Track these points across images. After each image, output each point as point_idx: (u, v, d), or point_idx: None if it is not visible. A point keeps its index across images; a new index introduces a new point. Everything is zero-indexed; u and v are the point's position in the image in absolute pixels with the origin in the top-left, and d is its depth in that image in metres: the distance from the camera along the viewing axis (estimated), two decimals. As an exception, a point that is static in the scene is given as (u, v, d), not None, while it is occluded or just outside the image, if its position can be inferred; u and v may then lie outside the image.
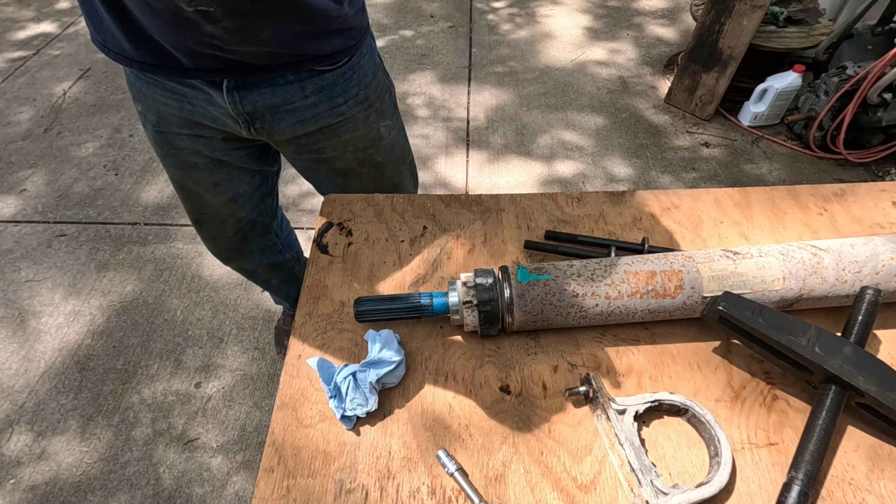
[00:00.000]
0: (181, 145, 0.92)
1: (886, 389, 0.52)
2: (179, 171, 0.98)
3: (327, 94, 0.88)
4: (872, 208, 0.82)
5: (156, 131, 0.91)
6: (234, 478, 1.39)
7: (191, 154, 0.94)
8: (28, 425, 1.48)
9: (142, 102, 0.88)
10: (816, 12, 2.36)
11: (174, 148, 0.93)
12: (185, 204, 1.08)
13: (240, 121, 0.87)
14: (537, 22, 3.16)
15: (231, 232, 1.14)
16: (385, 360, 0.59)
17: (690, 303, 0.61)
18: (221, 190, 1.02)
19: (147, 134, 0.94)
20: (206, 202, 1.04)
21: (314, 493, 0.54)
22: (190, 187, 1.01)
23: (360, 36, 0.86)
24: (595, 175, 2.22)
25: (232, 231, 1.14)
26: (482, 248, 0.77)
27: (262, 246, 1.23)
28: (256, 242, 1.20)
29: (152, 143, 0.95)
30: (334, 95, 0.88)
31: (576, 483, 0.54)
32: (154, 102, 0.87)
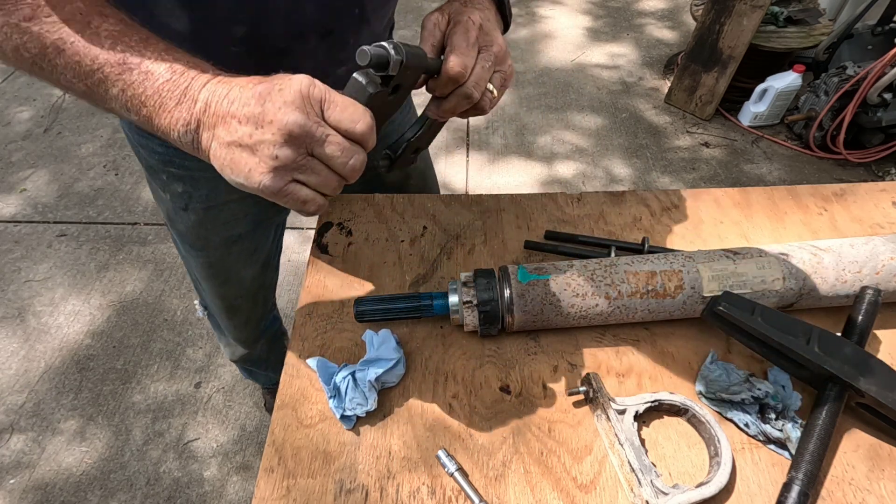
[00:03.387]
0: (229, 216, 0.79)
1: (886, 389, 0.52)
2: (221, 249, 0.85)
3: None
4: (872, 208, 0.82)
5: (205, 208, 0.76)
6: (233, 478, 1.39)
7: (238, 222, 0.81)
8: (28, 425, 1.48)
9: (184, 181, 0.73)
10: (816, 12, 2.36)
11: (221, 223, 0.79)
12: (218, 291, 0.94)
13: None
14: (537, 22, 3.16)
15: (261, 308, 1.06)
16: (383, 358, 0.59)
17: (690, 303, 0.61)
18: (256, 258, 0.92)
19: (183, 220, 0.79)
20: (243, 279, 0.93)
21: (314, 493, 0.54)
22: (230, 265, 0.88)
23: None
24: (595, 175, 2.22)
25: (261, 306, 1.06)
26: (482, 248, 0.77)
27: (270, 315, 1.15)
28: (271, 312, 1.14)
29: (191, 229, 0.80)
30: None
31: (576, 483, 0.54)
32: (204, 172, 0.71)
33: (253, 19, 0.51)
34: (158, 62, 0.40)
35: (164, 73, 0.40)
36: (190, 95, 0.40)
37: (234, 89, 0.40)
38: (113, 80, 0.40)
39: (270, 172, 0.38)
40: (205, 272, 0.90)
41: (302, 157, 0.39)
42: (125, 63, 0.39)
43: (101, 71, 0.40)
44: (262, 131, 0.38)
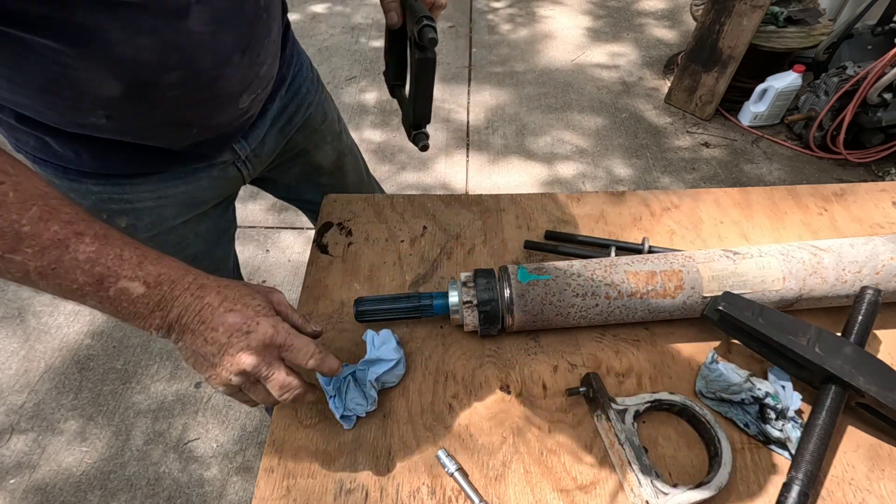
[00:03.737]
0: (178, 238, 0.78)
1: (886, 389, 0.52)
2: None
3: (293, 92, 0.82)
4: (872, 208, 0.82)
5: (151, 237, 0.75)
6: (233, 478, 1.39)
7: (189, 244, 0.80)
8: (28, 425, 1.48)
9: (127, 214, 0.72)
10: (816, 12, 2.36)
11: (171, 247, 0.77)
12: None
13: (244, 170, 0.80)
14: (537, 22, 3.16)
15: None
16: (384, 358, 0.59)
17: (690, 303, 0.61)
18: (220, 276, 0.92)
19: None
20: None
21: (314, 493, 0.54)
22: None
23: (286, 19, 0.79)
24: (595, 175, 2.22)
25: None
26: (482, 248, 0.77)
27: None
28: None
29: None
30: (297, 89, 0.83)
31: (576, 483, 0.54)
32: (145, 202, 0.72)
33: (182, 64, 0.55)
34: (132, 280, 0.44)
35: (138, 289, 0.45)
36: (163, 306, 0.46)
37: (205, 309, 0.47)
38: (91, 295, 0.44)
39: (223, 386, 0.48)
40: None
41: (250, 383, 0.49)
42: (102, 283, 0.44)
43: (80, 290, 0.44)
44: (222, 360, 0.46)
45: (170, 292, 0.46)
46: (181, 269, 0.47)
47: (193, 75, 0.57)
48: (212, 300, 0.47)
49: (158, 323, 0.46)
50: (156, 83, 0.55)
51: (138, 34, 0.50)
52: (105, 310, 0.45)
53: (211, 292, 0.47)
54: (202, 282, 0.48)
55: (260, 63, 0.66)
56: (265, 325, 0.48)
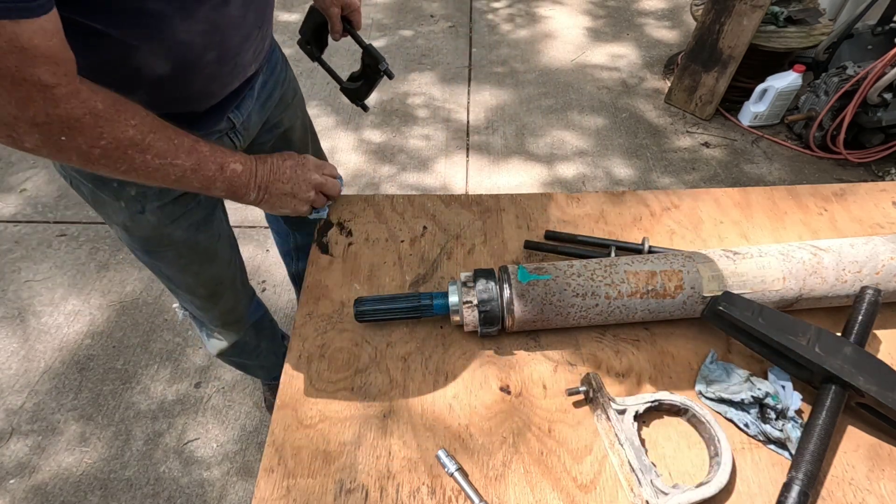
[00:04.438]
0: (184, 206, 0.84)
1: (886, 389, 0.52)
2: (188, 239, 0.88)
3: (270, 69, 0.90)
4: (872, 208, 0.82)
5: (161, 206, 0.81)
6: (233, 478, 1.39)
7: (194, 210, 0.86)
8: (28, 425, 1.48)
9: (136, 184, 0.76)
10: (816, 12, 2.35)
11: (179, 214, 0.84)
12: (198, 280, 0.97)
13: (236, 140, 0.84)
14: (537, 22, 3.16)
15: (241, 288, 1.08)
16: None
17: (690, 303, 0.61)
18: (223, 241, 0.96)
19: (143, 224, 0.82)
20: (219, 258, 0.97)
21: (314, 493, 0.54)
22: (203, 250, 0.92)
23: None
24: (595, 176, 2.22)
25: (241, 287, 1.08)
26: (482, 248, 0.77)
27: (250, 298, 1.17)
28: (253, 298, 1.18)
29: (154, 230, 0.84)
30: (273, 66, 0.90)
31: (576, 483, 0.54)
32: None
33: (220, 44, 0.66)
34: (235, 163, 0.68)
35: (239, 167, 0.68)
36: (253, 174, 0.70)
37: (273, 166, 0.73)
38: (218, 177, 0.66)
39: (305, 204, 0.77)
40: (179, 265, 0.93)
41: (316, 193, 0.78)
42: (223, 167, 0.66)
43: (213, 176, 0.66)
44: (298, 185, 0.75)
45: (252, 166, 0.70)
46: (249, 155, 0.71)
47: (224, 53, 0.68)
48: (273, 161, 0.73)
49: (254, 185, 0.70)
50: (197, 61, 0.65)
51: (193, 20, 0.60)
52: (225, 188, 0.67)
53: (269, 158, 0.73)
54: (263, 157, 0.72)
55: (266, 37, 0.79)
56: (309, 158, 0.78)
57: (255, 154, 0.83)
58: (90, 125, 0.53)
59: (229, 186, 0.67)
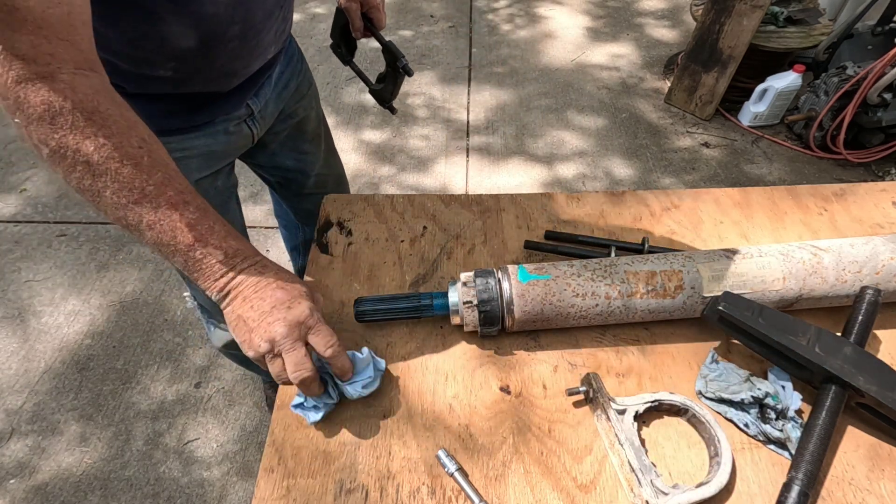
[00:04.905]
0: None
1: (886, 389, 0.52)
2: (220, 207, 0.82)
3: (287, 58, 0.91)
4: (872, 208, 0.82)
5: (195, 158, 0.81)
6: (233, 478, 1.39)
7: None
8: (28, 425, 1.48)
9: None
10: (816, 12, 2.35)
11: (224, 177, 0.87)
12: None
13: (254, 128, 0.86)
14: (537, 22, 3.16)
15: None
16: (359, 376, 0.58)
17: (690, 303, 0.61)
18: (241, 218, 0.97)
19: None
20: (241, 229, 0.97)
21: (314, 493, 0.54)
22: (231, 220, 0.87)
23: None
24: (595, 176, 2.22)
25: None
26: (482, 248, 0.77)
27: None
28: None
29: None
30: (290, 57, 0.91)
31: (576, 483, 0.54)
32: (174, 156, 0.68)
33: (244, 18, 0.67)
34: (217, 249, 0.53)
35: (219, 256, 0.53)
36: (231, 274, 0.54)
37: (261, 283, 0.55)
38: (181, 253, 0.52)
39: (252, 351, 0.54)
40: None
41: (273, 355, 0.53)
42: (193, 245, 0.52)
43: (174, 246, 0.51)
44: (259, 325, 0.53)
45: (240, 263, 0.55)
46: (253, 250, 0.57)
47: (247, 28, 0.68)
48: (269, 277, 0.55)
49: (222, 286, 0.54)
50: (222, 35, 0.66)
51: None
52: (186, 268, 0.53)
53: (270, 272, 0.56)
54: (266, 262, 0.57)
55: (288, 18, 0.80)
56: (304, 305, 0.55)
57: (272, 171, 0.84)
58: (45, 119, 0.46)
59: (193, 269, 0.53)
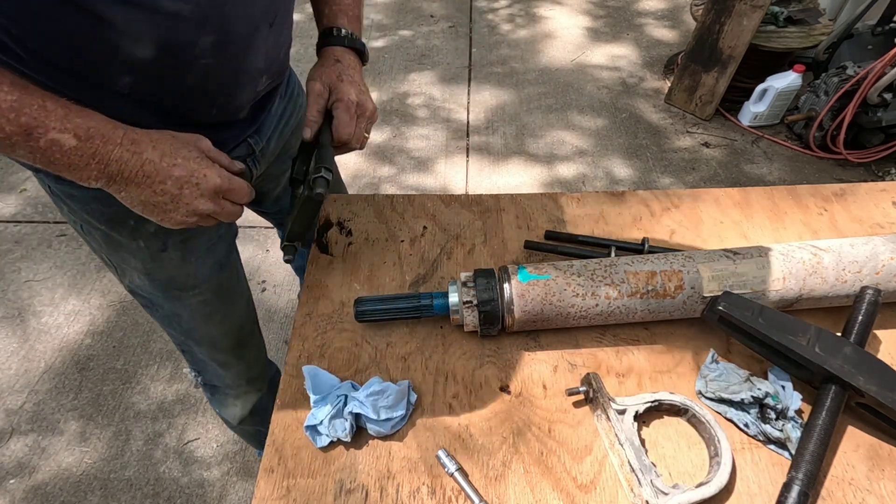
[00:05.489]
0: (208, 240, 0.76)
1: (886, 389, 0.52)
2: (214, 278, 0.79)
3: (288, 93, 0.83)
4: (872, 208, 0.82)
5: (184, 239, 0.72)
6: (233, 478, 1.39)
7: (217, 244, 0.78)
8: (28, 425, 1.48)
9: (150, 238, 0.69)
10: (816, 12, 2.35)
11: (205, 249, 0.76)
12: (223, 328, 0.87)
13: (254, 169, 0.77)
14: (537, 22, 3.16)
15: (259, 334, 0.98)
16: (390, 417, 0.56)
17: (690, 303, 0.61)
18: (242, 277, 0.87)
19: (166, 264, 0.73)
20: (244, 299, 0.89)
21: (314, 493, 0.54)
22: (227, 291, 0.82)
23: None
24: (595, 176, 2.22)
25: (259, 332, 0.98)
26: (482, 248, 0.77)
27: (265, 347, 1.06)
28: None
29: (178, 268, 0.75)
30: (291, 91, 0.84)
31: (576, 483, 0.54)
32: None
33: (218, 25, 0.54)
34: (62, 133, 0.45)
35: (69, 141, 0.45)
36: (98, 160, 0.47)
37: (147, 164, 0.49)
38: (21, 145, 0.44)
39: (178, 225, 0.54)
40: (204, 312, 0.82)
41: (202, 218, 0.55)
42: (31, 134, 0.43)
43: (8, 140, 0.43)
44: (177, 206, 0.52)
45: (103, 147, 0.47)
46: (109, 123, 0.48)
47: (225, 42, 0.56)
48: (150, 155, 0.50)
49: (96, 175, 0.48)
50: (191, 45, 0.53)
51: None
52: (38, 161, 0.46)
53: (147, 147, 0.50)
54: (133, 136, 0.49)
55: (282, 43, 0.68)
56: (212, 175, 0.53)
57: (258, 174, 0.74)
58: None
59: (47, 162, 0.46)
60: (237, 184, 0.56)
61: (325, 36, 0.72)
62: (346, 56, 0.71)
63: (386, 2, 3.33)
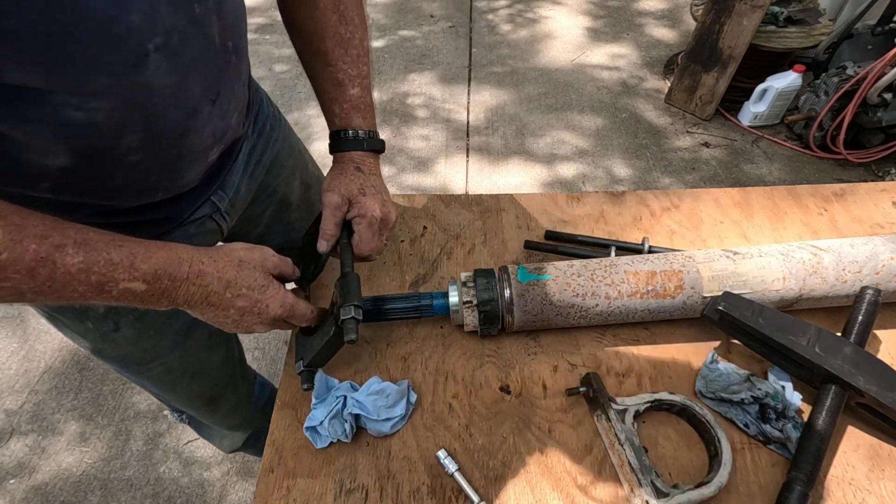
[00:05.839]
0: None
1: (886, 389, 0.52)
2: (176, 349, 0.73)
3: (258, 131, 0.73)
4: (872, 208, 0.82)
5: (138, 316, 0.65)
6: (233, 478, 1.39)
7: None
8: (28, 425, 1.48)
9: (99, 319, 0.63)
10: (816, 12, 2.35)
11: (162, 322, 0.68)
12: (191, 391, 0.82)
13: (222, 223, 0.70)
14: (537, 22, 3.16)
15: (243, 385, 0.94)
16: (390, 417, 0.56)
17: (690, 303, 0.61)
18: (216, 339, 0.80)
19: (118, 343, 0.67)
20: (213, 365, 0.82)
21: (314, 493, 0.54)
22: (193, 358, 0.77)
23: None
24: (595, 176, 2.22)
25: (243, 383, 0.93)
26: (482, 248, 0.77)
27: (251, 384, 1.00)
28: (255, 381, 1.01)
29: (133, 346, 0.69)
30: (262, 128, 0.74)
31: (576, 483, 0.54)
32: None
33: (143, 124, 0.48)
34: (132, 282, 0.45)
35: (140, 287, 0.45)
36: (168, 296, 0.48)
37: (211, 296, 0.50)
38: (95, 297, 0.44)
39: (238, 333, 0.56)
40: (167, 380, 0.77)
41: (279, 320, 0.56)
42: (103, 288, 0.43)
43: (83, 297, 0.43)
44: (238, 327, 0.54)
45: (171, 286, 0.47)
46: (174, 259, 0.48)
47: (156, 135, 0.50)
48: (216, 287, 0.50)
49: (167, 304, 0.48)
50: (112, 149, 0.48)
51: (90, 94, 0.42)
52: (114, 304, 0.46)
53: (212, 280, 0.49)
54: (199, 268, 0.49)
55: (232, 111, 0.59)
56: (273, 306, 0.53)
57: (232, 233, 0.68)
58: None
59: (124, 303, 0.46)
60: (298, 311, 0.56)
61: (339, 139, 0.65)
62: (365, 161, 0.65)
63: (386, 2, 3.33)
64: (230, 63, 0.55)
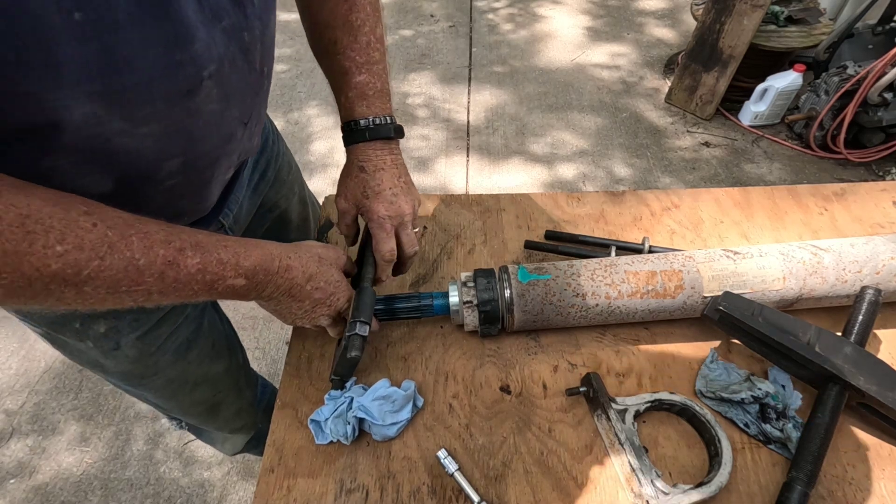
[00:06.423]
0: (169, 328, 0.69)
1: (886, 389, 0.52)
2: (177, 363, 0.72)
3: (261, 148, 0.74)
4: (873, 208, 0.82)
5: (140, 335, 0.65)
6: (234, 478, 1.39)
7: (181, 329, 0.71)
8: (28, 425, 1.48)
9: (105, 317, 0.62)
10: (817, 12, 2.35)
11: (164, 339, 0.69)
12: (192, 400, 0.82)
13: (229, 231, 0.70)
14: (537, 22, 3.16)
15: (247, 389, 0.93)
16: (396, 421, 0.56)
17: (690, 303, 0.61)
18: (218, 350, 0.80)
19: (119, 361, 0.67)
20: (215, 375, 0.82)
21: (314, 493, 0.54)
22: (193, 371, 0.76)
23: None
24: (595, 175, 2.22)
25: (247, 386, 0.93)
26: (482, 248, 0.77)
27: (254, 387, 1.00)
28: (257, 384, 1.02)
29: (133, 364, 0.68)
30: (264, 142, 0.74)
31: (576, 483, 0.54)
32: None
33: (185, 149, 0.49)
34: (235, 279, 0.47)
35: (240, 282, 0.48)
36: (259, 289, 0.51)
37: (294, 287, 0.53)
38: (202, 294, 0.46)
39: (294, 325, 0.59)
40: (167, 392, 0.77)
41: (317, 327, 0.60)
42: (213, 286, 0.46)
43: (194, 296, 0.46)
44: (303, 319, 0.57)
45: (265, 279, 0.50)
46: (268, 254, 0.51)
47: (194, 159, 0.51)
48: (299, 280, 0.53)
49: (254, 297, 0.52)
50: (155, 173, 0.48)
51: (142, 121, 0.42)
52: (215, 298, 0.49)
53: (297, 273, 0.53)
54: (287, 262, 0.52)
55: (256, 133, 0.61)
56: (343, 300, 0.58)
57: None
58: None
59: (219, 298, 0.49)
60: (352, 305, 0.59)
61: (345, 132, 0.65)
62: (370, 157, 0.63)
63: (386, 2, 3.33)
64: (263, 87, 0.57)
